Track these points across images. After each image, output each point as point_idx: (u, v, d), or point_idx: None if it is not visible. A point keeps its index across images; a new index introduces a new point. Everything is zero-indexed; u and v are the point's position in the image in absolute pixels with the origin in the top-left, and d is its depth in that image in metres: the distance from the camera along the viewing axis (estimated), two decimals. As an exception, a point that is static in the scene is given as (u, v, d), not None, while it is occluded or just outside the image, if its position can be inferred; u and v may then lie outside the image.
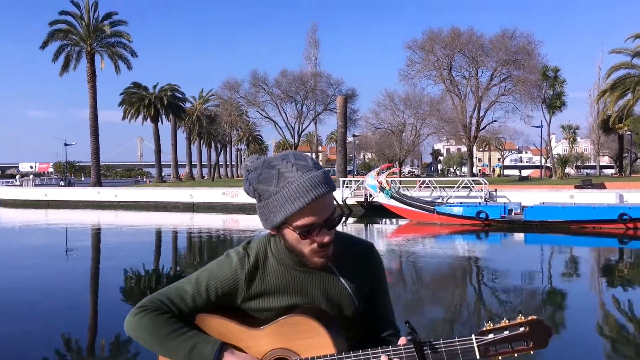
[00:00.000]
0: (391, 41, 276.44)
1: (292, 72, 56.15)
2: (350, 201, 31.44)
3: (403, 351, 1.40)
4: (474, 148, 62.46)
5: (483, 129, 53.05)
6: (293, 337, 1.47)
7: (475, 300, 11.24)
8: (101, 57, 49.28)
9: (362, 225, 26.95)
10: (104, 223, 30.26)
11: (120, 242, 21.79)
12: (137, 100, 60.73)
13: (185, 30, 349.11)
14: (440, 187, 29.98)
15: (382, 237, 23.94)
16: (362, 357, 1.43)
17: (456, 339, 1.40)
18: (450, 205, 25.72)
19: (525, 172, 70.34)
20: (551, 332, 1.39)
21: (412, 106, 52.35)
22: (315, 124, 59.20)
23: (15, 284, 12.73)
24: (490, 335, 1.39)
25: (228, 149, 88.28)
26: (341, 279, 1.56)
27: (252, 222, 26.43)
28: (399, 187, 29.74)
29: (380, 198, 27.35)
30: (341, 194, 31.39)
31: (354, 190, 31.80)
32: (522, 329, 1.38)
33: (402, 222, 26.54)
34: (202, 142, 77.49)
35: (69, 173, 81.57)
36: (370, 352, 1.43)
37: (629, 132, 54.01)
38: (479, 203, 26.36)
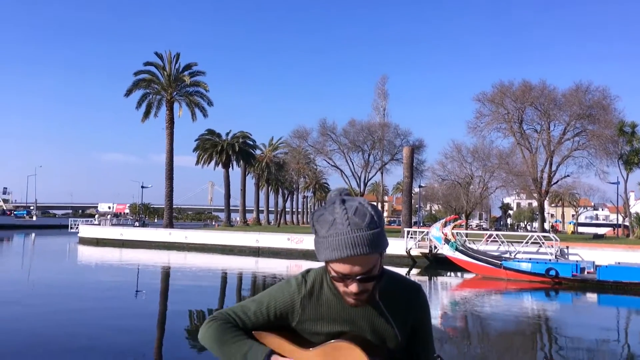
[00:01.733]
0: (460, 93, 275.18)
1: (360, 122, 56.91)
2: (414, 252, 31.12)
3: None
4: (546, 203, 60.47)
5: (555, 183, 51.42)
6: None
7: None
8: (179, 105, 52.02)
9: (425, 278, 26.57)
10: (173, 264, 31.32)
11: (188, 283, 22.47)
12: (210, 147, 63.21)
13: (257, 79, 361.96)
14: (508, 241, 29.21)
15: (446, 290, 23.50)
16: None
17: None
18: (518, 261, 24.99)
19: (600, 231, 67.23)
20: None
21: (480, 158, 51.64)
22: (382, 173, 59.36)
23: (86, 316, 13.45)
24: None
25: (295, 196, 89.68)
26: (387, 314, 1.74)
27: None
28: (465, 240, 29.22)
29: (445, 250, 26.98)
30: (405, 245, 31.16)
31: (419, 241, 31.48)
32: None
33: (467, 275, 25.97)
34: (269, 188, 79.16)
35: (143, 214, 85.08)
36: None
37: None
38: (549, 260, 25.48)
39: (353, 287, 1.61)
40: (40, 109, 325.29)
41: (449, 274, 27.34)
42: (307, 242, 35.36)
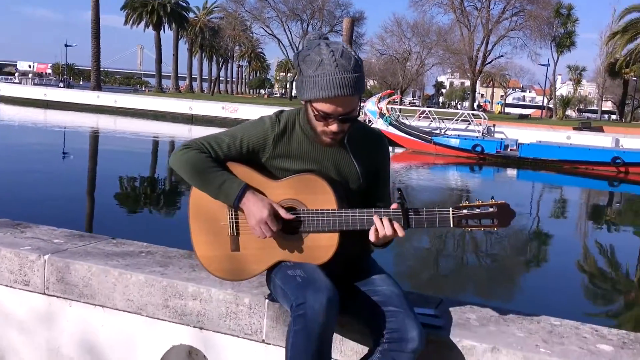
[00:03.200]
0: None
1: (300, -12, 54.60)
2: (349, 125, 31.50)
3: (392, 214, 1.70)
4: (478, 83, 61.80)
5: (489, 63, 52.43)
6: (304, 192, 1.77)
7: (456, 234, 11.59)
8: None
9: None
10: (103, 128, 30.37)
11: (119, 148, 22.01)
12: (140, 6, 59.26)
13: None
14: (439, 118, 30.05)
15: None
16: (357, 214, 1.71)
17: (436, 209, 1.71)
18: (447, 137, 25.89)
19: (526, 112, 70.17)
20: (514, 215, 1.68)
21: (420, 34, 51.38)
22: (320, 45, 58.25)
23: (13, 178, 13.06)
24: (465, 211, 1.69)
25: (229, 65, 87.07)
26: (352, 157, 1.83)
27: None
28: (399, 116, 29.75)
29: (379, 124, 27.36)
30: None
31: (354, 114, 31.75)
32: (491, 209, 1.67)
33: (398, 150, 26.77)
34: (203, 55, 76.18)
35: (67, 75, 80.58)
36: (365, 211, 1.72)
37: (635, 78, 53.40)
38: (476, 137, 26.52)
39: (333, 127, 1.70)
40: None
41: (380, 147, 28.02)
42: (241, 111, 34.95)
